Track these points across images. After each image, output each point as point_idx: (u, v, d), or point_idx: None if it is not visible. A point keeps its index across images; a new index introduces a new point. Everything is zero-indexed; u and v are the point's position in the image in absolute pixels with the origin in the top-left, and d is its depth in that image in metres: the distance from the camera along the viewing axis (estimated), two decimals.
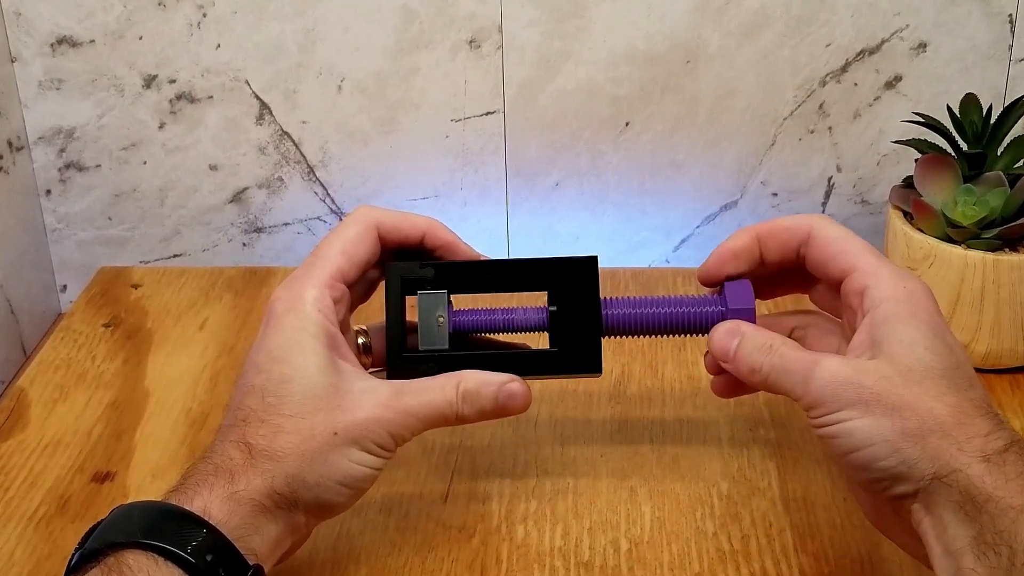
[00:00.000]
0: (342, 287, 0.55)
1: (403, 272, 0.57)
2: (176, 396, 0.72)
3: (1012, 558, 0.44)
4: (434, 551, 0.59)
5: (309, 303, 0.53)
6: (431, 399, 0.53)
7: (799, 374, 0.50)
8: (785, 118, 0.83)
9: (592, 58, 0.81)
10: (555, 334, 0.58)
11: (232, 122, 0.84)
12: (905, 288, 0.51)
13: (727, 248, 0.57)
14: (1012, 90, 0.81)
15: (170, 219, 0.88)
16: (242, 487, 0.49)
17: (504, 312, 0.58)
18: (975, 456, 0.46)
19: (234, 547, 0.47)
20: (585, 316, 0.57)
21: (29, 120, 0.84)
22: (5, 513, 0.62)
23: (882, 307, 0.51)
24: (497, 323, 0.58)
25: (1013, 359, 0.71)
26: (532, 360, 0.58)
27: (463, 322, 0.58)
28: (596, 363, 0.57)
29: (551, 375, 0.58)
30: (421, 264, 0.57)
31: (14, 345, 0.83)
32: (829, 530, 0.60)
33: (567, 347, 0.57)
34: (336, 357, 0.53)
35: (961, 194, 0.70)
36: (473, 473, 0.64)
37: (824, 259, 0.54)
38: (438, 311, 0.57)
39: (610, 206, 0.87)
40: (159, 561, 0.45)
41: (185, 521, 0.47)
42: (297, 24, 0.81)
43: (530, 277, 0.58)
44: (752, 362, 0.53)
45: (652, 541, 0.60)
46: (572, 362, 0.57)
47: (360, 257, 0.56)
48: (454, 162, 0.85)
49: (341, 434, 0.50)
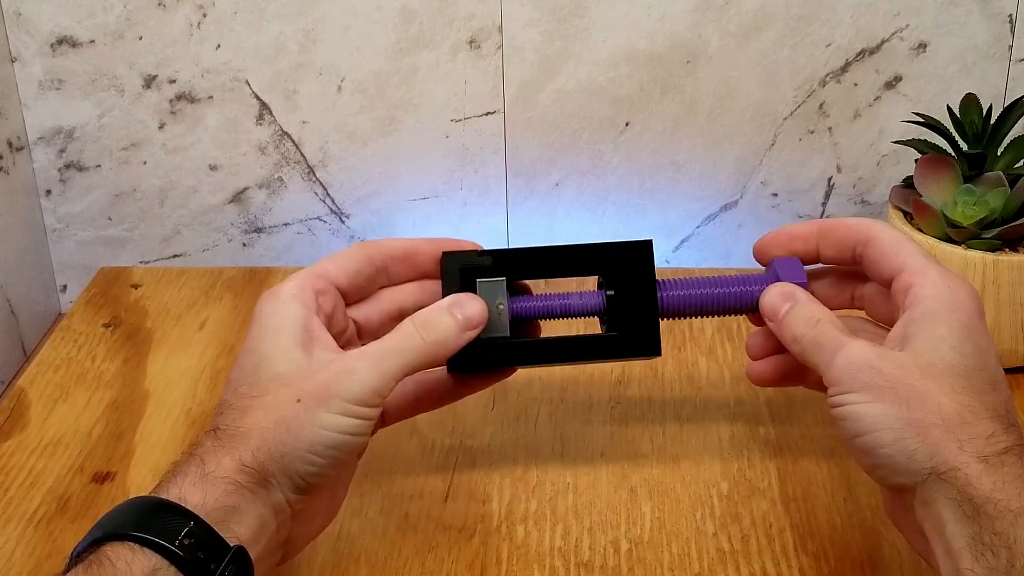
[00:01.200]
0: (327, 283, 0.56)
1: (461, 261, 0.58)
2: (176, 396, 0.72)
3: (1011, 560, 0.44)
4: (434, 551, 0.59)
5: (285, 292, 0.54)
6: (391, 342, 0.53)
7: (828, 351, 0.52)
8: (785, 118, 0.83)
9: (592, 58, 0.81)
10: (612, 318, 0.58)
11: (232, 122, 0.84)
12: (949, 288, 0.52)
13: (788, 231, 0.59)
14: (1012, 90, 0.81)
15: (170, 219, 0.88)
16: (212, 468, 0.49)
17: (561, 297, 0.59)
18: (973, 456, 0.47)
19: (212, 529, 0.47)
20: (642, 299, 0.58)
21: (29, 120, 0.84)
22: (5, 513, 0.62)
23: (922, 304, 0.52)
24: (555, 308, 0.59)
25: (1013, 359, 0.71)
26: (593, 344, 0.58)
27: (522, 308, 0.58)
28: (656, 345, 0.58)
29: (611, 359, 0.59)
30: (479, 252, 0.58)
31: (14, 345, 0.83)
32: (829, 530, 0.60)
33: (625, 331, 0.58)
34: (311, 339, 0.53)
35: (961, 194, 0.70)
36: (473, 473, 0.64)
37: (879, 258, 0.55)
38: (498, 299, 0.57)
39: (610, 206, 0.87)
40: (136, 549, 0.45)
41: (162, 510, 0.47)
42: (297, 24, 0.81)
43: (587, 262, 0.59)
44: (796, 331, 0.54)
45: (652, 541, 0.60)
46: (632, 345, 0.58)
47: (348, 265, 0.57)
48: (454, 162, 0.85)
49: (304, 400, 0.50)
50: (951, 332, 0.50)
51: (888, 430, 0.48)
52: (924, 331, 0.51)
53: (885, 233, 0.56)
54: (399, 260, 0.59)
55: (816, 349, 0.52)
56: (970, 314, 0.51)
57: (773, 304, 0.56)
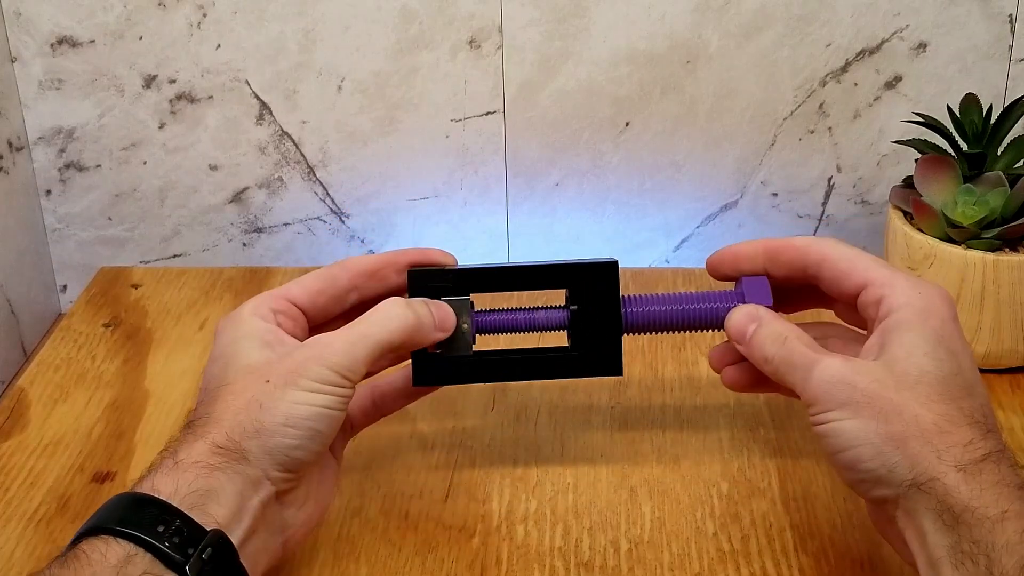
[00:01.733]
0: (287, 304, 0.56)
1: (427, 279, 0.58)
2: (176, 396, 0.72)
3: (989, 567, 0.44)
4: (434, 551, 0.59)
5: (245, 312, 0.55)
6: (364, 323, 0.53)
7: (801, 370, 0.51)
8: (785, 118, 0.83)
9: (592, 58, 0.81)
10: (575, 334, 0.59)
11: (232, 122, 0.84)
12: (920, 294, 0.52)
13: (734, 251, 0.59)
14: (1012, 90, 0.81)
15: (170, 219, 0.88)
16: (183, 456, 0.49)
17: (525, 312, 0.60)
18: (951, 465, 0.47)
19: (185, 515, 0.47)
20: (605, 319, 0.59)
21: (29, 120, 0.84)
22: (5, 513, 0.62)
23: (895, 313, 0.52)
24: (519, 323, 0.60)
25: (1013, 359, 0.71)
26: (554, 362, 0.59)
27: (485, 323, 0.59)
28: (616, 365, 0.59)
29: (573, 376, 0.59)
30: (443, 270, 0.58)
31: (14, 345, 0.83)
32: (829, 530, 0.60)
33: (588, 348, 0.59)
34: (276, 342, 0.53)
35: (961, 194, 0.70)
36: (473, 473, 0.64)
37: (837, 278, 0.55)
38: (463, 318, 0.58)
39: (610, 206, 0.87)
40: (109, 540, 0.46)
41: (136, 503, 0.47)
42: (297, 24, 0.81)
43: (551, 282, 0.59)
44: (765, 351, 0.54)
45: (652, 541, 0.60)
46: (593, 364, 0.59)
47: (310, 284, 0.57)
48: (454, 162, 0.85)
49: (273, 380, 0.51)
50: (924, 339, 0.50)
51: (868, 445, 0.48)
52: (897, 340, 0.50)
53: (836, 250, 0.55)
54: (368, 276, 0.58)
55: (789, 368, 0.52)
56: (942, 319, 0.51)
57: (738, 327, 0.56)
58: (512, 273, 0.59)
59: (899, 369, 0.49)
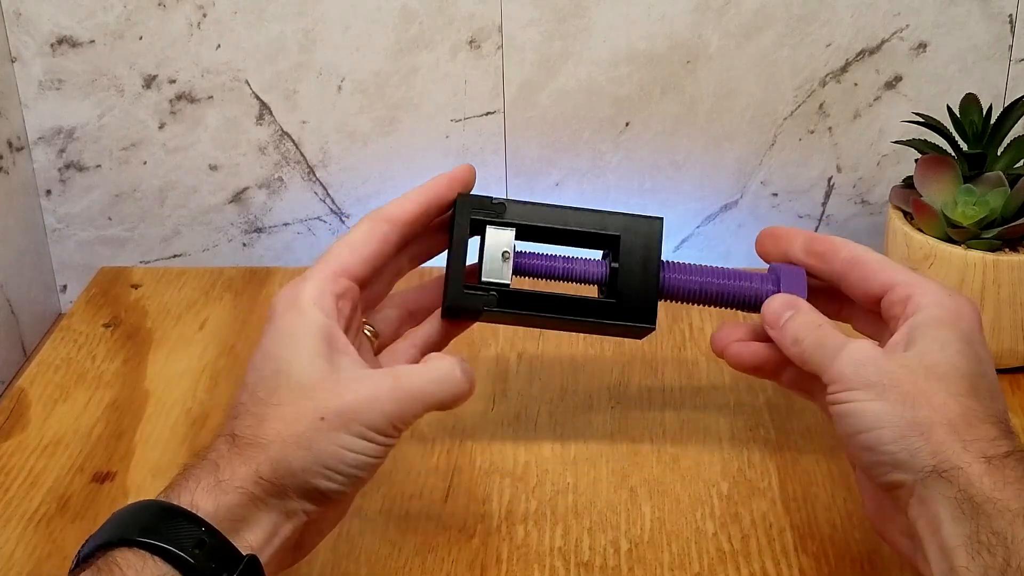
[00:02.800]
0: (347, 283, 0.54)
1: (474, 205, 0.57)
2: (176, 396, 0.72)
3: (1007, 559, 0.44)
4: (434, 551, 0.59)
5: (306, 300, 0.53)
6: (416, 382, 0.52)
7: (831, 349, 0.52)
8: (785, 118, 0.83)
9: (592, 58, 0.81)
10: (613, 289, 0.59)
11: (232, 122, 0.84)
12: (950, 297, 0.53)
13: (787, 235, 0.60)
14: (1012, 90, 0.81)
15: (170, 219, 0.88)
16: (227, 476, 0.48)
17: (565, 260, 0.59)
18: (977, 456, 0.47)
19: (224, 538, 0.46)
20: (645, 274, 0.58)
21: (29, 120, 0.84)
22: (5, 513, 0.62)
23: (926, 311, 0.52)
24: (557, 270, 0.59)
25: (1013, 359, 0.71)
26: (591, 306, 0.58)
27: (524, 264, 0.59)
28: (652, 316, 0.58)
29: (607, 322, 0.58)
30: (493, 199, 0.58)
31: (14, 345, 0.83)
32: (829, 530, 0.60)
33: (624, 299, 0.58)
34: (332, 351, 0.52)
35: (961, 194, 0.70)
36: (473, 473, 0.64)
37: (865, 277, 0.56)
38: (504, 247, 0.57)
39: (610, 206, 0.86)
40: (147, 557, 0.45)
41: (173, 516, 0.46)
42: (297, 24, 0.81)
43: (597, 227, 0.59)
44: (798, 333, 0.55)
45: (652, 541, 0.60)
46: (628, 312, 0.58)
47: (369, 253, 0.55)
48: (454, 162, 0.85)
49: (328, 419, 0.49)
50: (956, 337, 0.51)
51: (892, 427, 0.48)
52: (929, 334, 0.51)
53: (868, 252, 0.57)
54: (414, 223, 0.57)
55: (817, 348, 0.53)
56: (971, 324, 0.52)
57: (776, 312, 0.56)
58: (559, 213, 0.58)
59: (930, 360, 0.50)
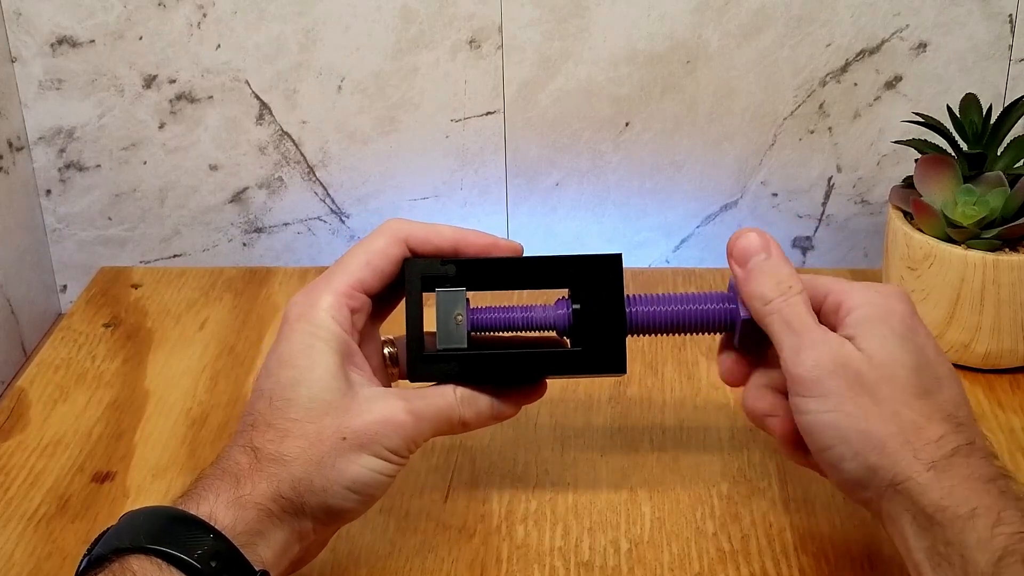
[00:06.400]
0: (362, 297, 0.54)
1: (423, 269, 0.56)
2: (176, 396, 0.72)
3: (964, 567, 0.44)
4: (434, 551, 0.59)
5: (323, 310, 0.52)
6: (437, 403, 0.53)
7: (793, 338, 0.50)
8: (785, 118, 0.83)
9: (592, 58, 0.81)
10: (578, 333, 0.56)
11: (232, 122, 0.84)
12: (878, 293, 0.52)
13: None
14: (1012, 90, 0.81)
15: (170, 219, 0.88)
16: (247, 491, 0.49)
17: (524, 310, 0.57)
18: (926, 464, 0.47)
19: (240, 553, 0.47)
20: (609, 314, 0.56)
21: (29, 120, 0.84)
22: (5, 513, 0.62)
23: (857, 311, 0.51)
24: (516, 321, 0.57)
25: (1013, 359, 0.71)
26: (555, 359, 0.56)
27: (481, 320, 0.57)
28: (621, 362, 0.56)
29: (574, 375, 0.57)
30: (442, 261, 0.56)
31: (14, 345, 0.83)
32: (829, 530, 0.60)
33: (591, 346, 0.56)
34: (347, 365, 0.52)
35: (961, 194, 0.70)
36: (473, 473, 0.64)
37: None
38: (456, 309, 0.55)
39: (610, 206, 0.87)
40: (163, 566, 0.45)
41: (191, 526, 0.47)
42: (297, 24, 0.81)
43: (552, 274, 0.56)
44: (764, 293, 0.52)
45: (652, 541, 0.60)
46: (597, 361, 0.56)
47: (385, 269, 0.55)
48: (454, 162, 0.85)
49: (350, 439, 0.50)
50: (891, 332, 0.50)
51: (846, 444, 0.48)
52: (868, 331, 0.50)
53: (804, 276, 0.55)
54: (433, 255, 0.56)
55: (783, 327, 0.51)
56: (903, 314, 0.51)
57: (747, 248, 0.53)
58: (512, 265, 0.56)
59: (876, 360, 0.49)
